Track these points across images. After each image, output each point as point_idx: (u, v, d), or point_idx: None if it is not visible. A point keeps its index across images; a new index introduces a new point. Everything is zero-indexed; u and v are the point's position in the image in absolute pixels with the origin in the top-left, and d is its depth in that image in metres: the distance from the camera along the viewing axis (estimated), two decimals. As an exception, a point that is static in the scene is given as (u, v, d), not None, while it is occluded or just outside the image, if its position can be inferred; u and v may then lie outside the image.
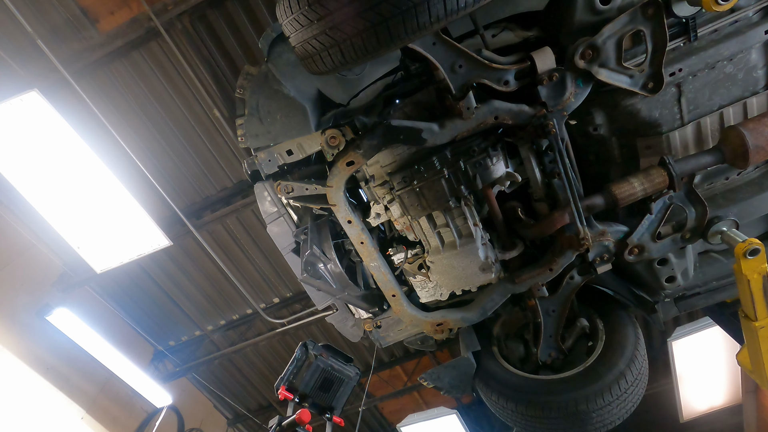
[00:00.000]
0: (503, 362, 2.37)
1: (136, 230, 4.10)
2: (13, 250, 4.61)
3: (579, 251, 1.90)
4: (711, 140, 1.87)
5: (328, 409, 1.93)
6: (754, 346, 1.85)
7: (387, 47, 1.32)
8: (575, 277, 2.06)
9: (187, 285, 5.53)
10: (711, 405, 5.66)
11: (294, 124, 1.86)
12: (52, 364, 4.66)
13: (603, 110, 1.86)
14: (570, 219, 1.82)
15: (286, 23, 1.40)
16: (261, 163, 2.07)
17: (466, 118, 1.73)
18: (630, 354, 2.12)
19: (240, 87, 1.86)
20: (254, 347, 5.98)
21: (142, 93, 4.19)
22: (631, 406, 2.11)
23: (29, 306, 4.62)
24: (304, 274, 2.16)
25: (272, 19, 3.76)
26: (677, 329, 4.94)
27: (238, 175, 4.73)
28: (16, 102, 3.29)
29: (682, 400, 5.57)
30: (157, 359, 5.97)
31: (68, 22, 3.78)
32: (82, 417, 4.81)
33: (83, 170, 3.72)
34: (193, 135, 4.46)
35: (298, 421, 1.58)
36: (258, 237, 5.10)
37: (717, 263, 2.10)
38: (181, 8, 3.64)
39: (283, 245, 2.28)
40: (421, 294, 2.25)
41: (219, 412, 6.84)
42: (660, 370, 5.67)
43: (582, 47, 1.62)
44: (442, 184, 1.89)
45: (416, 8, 1.23)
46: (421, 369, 6.21)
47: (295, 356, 1.94)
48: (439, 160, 1.88)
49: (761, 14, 1.70)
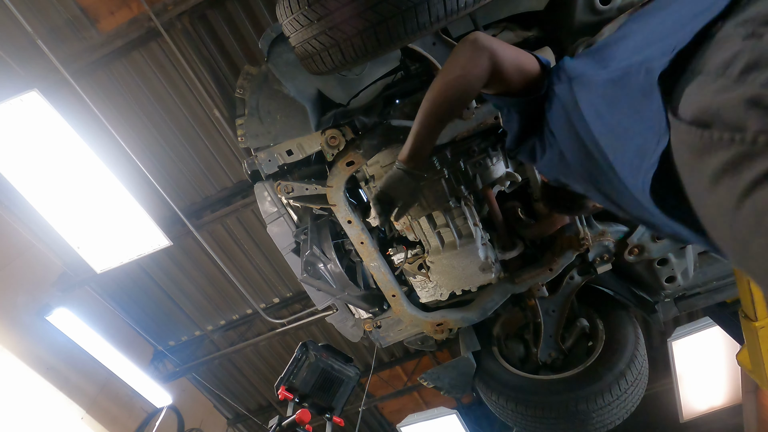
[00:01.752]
0: (503, 362, 2.37)
1: (136, 230, 4.10)
2: (13, 250, 4.61)
3: (579, 251, 1.91)
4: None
5: (328, 409, 1.93)
6: (754, 346, 1.85)
7: (387, 47, 1.32)
8: (575, 277, 2.06)
9: (187, 285, 5.52)
10: (711, 405, 5.66)
11: (294, 124, 1.86)
12: (52, 364, 4.65)
13: (603, 110, 1.86)
14: (570, 219, 1.82)
15: (286, 23, 1.40)
16: (261, 163, 2.08)
17: (466, 118, 1.73)
18: (630, 354, 2.12)
19: (240, 87, 1.86)
20: (254, 347, 5.98)
21: (142, 93, 4.19)
22: (631, 406, 2.11)
23: (29, 306, 4.62)
24: (304, 274, 2.16)
25: (272, 19, 3.76)
26: (677, 329, 4.94)
27: (238, 175, 4.73)
28: (16, 102, 3.29)
29: (682, 400, 5.56)
30: (157, 359, 5.96)
31: (68, 22, 3.78)
32: (82, 417, 4.81)
33: (83, 170, 3.71)
34: (193, 135, 4.45)
35: (298, 421, 1.57)
36: (258, 237, 5.10)
37: (717, 263, 2.10)
38: (181, 8, 3.64)
39: (283, 245, 2.28)
40: (421, 294, 2.25)
41: (219, 412, 6.84)
42: (660, 370, 5.66)
43: (582, 47, 1.62)
44: (442, 184, 1.89)
45: (416, 8, 1.23)
46: (421, 369, 6.21)
47: (295, 356, 1.94)
48: (439, 160, 1.88)
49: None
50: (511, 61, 1.09)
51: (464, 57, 1.09)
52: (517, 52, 1.11)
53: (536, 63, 1.11)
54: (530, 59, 1.12)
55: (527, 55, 1.12)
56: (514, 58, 1.10)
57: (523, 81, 1.10)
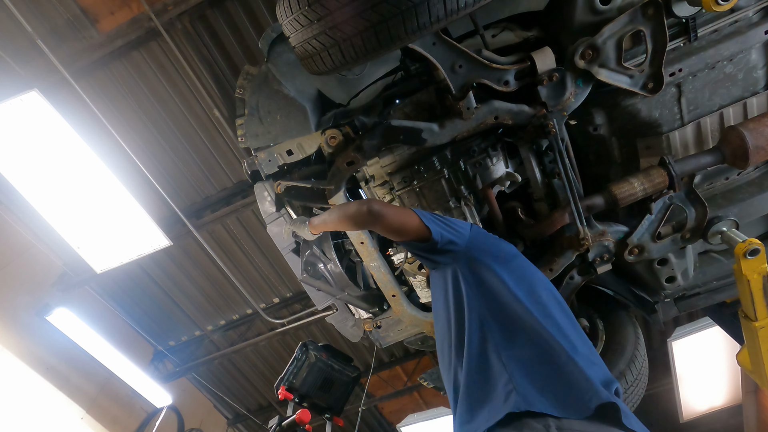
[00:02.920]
0: (503, 362, 2.36)
1: (136, 230, 4.10)
2: (13, 250, 4.60)
3: (579, 251, 1.90)
4: (711, 140, 1.87)
5: (327, 409, 1.93)
6: (754, 346, 1.85)
7: (387, 47, 1.32)
8: (575, 277, 2.06)
9: (187, 285, 5.52)
10: (711, 405, 5.66)
11: (294, 124, 1.86)
12: (52, 364, 4.65)
13: (603, 110, 1.86)
14: (570, 219, 1.82)
15: (286, 23, 1.40)
16: (261, 163, 2.07)
17: (466, 118, 1.73)
18: (630, 354, 2.12)
19: (240, 87, 1.86)
20: (254, 347, 5.98)
21: (142, 93, 4.18)
22: (631, 406, 2.11)
23: (29, 306, 4.62)
24: (304, 274, 2.16)
25: (272, 19, 3.76)
26: (677, 329, 4.94)
27: (238, 175, 4.73)
28: (16, 102, 3.29)
29: (682, 400, 5.57)
30: (157, 359, 5.96)
31: (68, 22, 3.78)
32: (82, 417, 4.81)
33: (83, 170, 3.71)
34: (193, 135, 4.45)
35: (299, 421, 1.57)
36: (258, 237, 5.10)
37: (717, 263, 2.10)
38: (181, 8, 3.63)
39: (283, 245, 2.28)
40: (421, 294, 2.25)
41: (219, 412, 6.83)
42: (660, 370, 5.66)
43: (582, 47, 1.62)
44: (442, 184, 1.89)
45: (416, 8, 1.23)
46: (421, 369, 6.21)
47: (295, 356, 1.94)
48: (439, 160, 1.88)
49: (761, 14, 1.70)
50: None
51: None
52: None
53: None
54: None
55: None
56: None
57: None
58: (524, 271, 1.39)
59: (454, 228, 1.42)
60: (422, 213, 1.43)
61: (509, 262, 1.39)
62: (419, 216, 1.41)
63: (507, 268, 1.35)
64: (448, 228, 1.41)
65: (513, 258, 1.43)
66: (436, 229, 1.38)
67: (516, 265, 1.39)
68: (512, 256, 1.44)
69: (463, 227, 1.45)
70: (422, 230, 1.39)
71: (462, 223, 1.48)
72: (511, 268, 1.36)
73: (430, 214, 1.46)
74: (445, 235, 1.39)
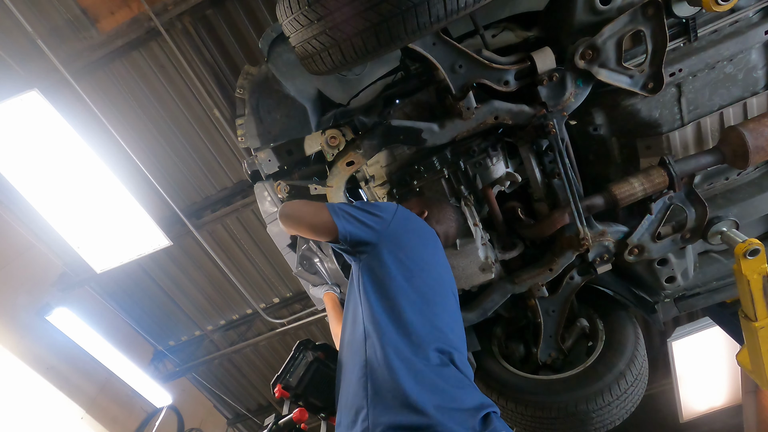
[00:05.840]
0: (503, 362, 2.36)
1: (136, 230, 4.10)
2: (13, 250, 4.60)
3: (579, 251, 1.90)
4: (711, 140, 1.87)
5: (323, 409, 1.92)
6: (754, 347, 1.85)
7: (387, 47, 1.32)
8: (575, 278, 2.05)
9: (187, 285, 5.52)
10: (711, 405, 5.66)
11: (294, 124, 1.86)
12: (52, 364, 4.65)
13: (603, 110, 1.86)
14: (570, 219, 1.82)
15: (286, 23, 1.40)
16: (261, 163, 2.07)
17: (466, 118, 1.73)
18: (630, 354, 2.12)
19: (240, 87, 1.86)
20: (254, 347, 5.98)
21: (142, 93, 4.18)
22: (631, 406, 2.11)
23: (29, 306, 4.62)
24: (299, 268, 2.15)
25: (272, 19, 3.76)
26: (677, 329, 4.94)
27: (238, 175, 4.73)
28: (16, 102, 3.29)
29: (682, 400, 5.57)
30: (157, 359, 5.96)
31: (68, 22, 3.78)
32: (82, 417, 4.81)
33: (83, 170, 3.72)
34: (193, 135, 4.45)
35: (296, 420, 1.57)
36: (258, 237, 5.10)
37: (717, 263, 2.09)
38: (182, 8, 3.63)
39: (282, 245, 2.28)
40: (421, 294, 2.25)
41: (219, 412, 6.83)
42: (660, 370, 5.66)
43: (582, 47, 1.62)
44: (442, 184, 1.89)
45: (416, 8, 1.23)
46: (421, 369, 6.20)
47: (291, 355, 1.93)
48: (439, 160, 1.88)
49: (761, 14, 1.70)
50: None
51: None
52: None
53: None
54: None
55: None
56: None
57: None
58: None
59: (366, 223, 1.33)
60: (332, 207, 1.35)
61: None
62: (329, 211, 1.32)
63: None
64: (360, 224, 1.33)
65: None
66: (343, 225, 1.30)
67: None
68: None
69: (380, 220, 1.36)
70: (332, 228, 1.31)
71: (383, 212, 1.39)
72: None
73: (345, 205, 1.38)
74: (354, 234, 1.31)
